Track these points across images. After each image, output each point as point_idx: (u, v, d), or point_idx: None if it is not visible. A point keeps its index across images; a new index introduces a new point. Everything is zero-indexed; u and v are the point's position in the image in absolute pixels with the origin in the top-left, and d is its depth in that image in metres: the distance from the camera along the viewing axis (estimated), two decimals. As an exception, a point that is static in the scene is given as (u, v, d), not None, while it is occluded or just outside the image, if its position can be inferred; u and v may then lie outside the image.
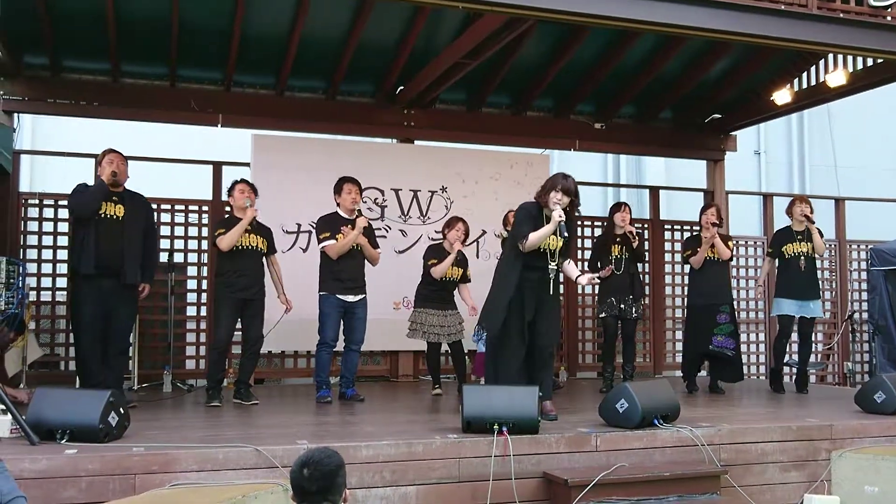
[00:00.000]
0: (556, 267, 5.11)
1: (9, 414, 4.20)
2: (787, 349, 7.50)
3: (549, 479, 4.38)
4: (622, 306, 7.00)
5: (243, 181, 6.30)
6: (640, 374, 8.27)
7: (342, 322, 6.29)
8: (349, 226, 6.22)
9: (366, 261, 6.40)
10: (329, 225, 6.27)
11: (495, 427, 4.40)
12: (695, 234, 7.53)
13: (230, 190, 6.26)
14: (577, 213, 5.42)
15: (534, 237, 5.02)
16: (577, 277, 5.33)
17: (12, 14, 5.60)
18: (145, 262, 5.82)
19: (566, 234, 5.10)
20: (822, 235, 7.20)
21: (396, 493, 4.17)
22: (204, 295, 7.86)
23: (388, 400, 6.81)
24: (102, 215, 5.57)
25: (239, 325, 6.20)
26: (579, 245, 9.18)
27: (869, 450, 4.66)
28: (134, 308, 5.85)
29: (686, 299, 7.57)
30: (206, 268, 7.87)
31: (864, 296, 10.29)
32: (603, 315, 7.10)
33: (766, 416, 5.70)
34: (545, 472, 4.41)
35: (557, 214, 4.97)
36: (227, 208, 6.42)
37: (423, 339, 6.78)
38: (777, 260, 7.34)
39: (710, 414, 5.62)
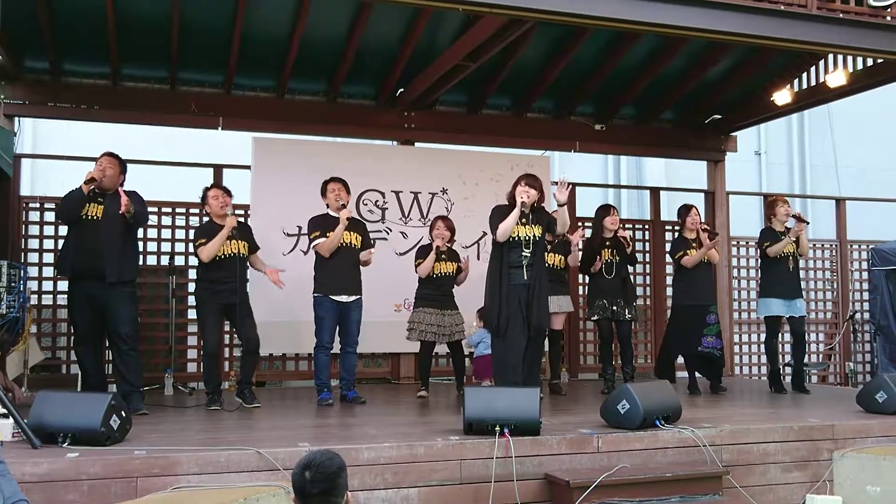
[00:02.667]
0: (530, 255, 5.54)
1: (11, 417, 4.20)
2: (781, 349, 7.54)
3: (551, 480, 4.38)
4: (614, 308, 7.01)
5: (214, 186, 6.28)
6: (641, 375, 8.26)
7: (338, 324, 6.29)
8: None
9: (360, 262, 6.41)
10: (318, 225, 6.30)
11: (497, 428, 4.40)
12: (678, 237, 7.46)
13: (203, 197, 6.21)
14: (543, 202, 5.86)
15: (503, 225, 5.50)
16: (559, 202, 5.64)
17: (13, 18, 5.60)
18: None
19: (527, 211, 5.54)
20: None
21: (398, 495, 4.17)
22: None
23: (390, 402, 6.80)
24: (84, 217, 5.55)
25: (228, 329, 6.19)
26: (580, 247, 9.17)
27: (871, 450, 4.66)
28: (129, 307, 5.66)
29: (672, 300, 7.56)
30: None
31: (866, 296, 10.28)
32: (596, 318, 7.11)
33: (767, 417, 5.69)
34: (547, 473, 4.41)
35: (519, 199, 5.48)
36: (206, 217, 6.37)
37: (418, 339, 6.80)
38: (762, 260, 7.36)
39: (711, 414, 5.62)
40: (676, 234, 7.69)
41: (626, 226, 8.77)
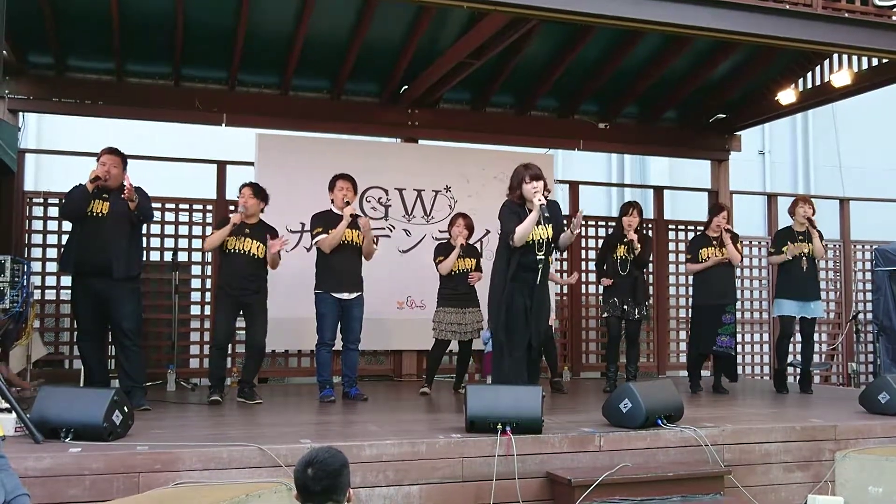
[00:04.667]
0: (543, 257, 5.21)
1: (13, 412, 4.21)
2: (790, 349, 7.51)
3: (553, 478, 4.37)
4: (625, 307, 7.01)
5: (251, 184, 6.33)
6: (643, 374, 8.26)
7: (339, 321, 6.30)
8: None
9: (363, 259, 6.41)
10: (321, 221, 6.31)
11: (499, 427, 4.39)
12: (699, 233, 7.51)
13: (240, 190, 6.30)
14: (549, 193, 5.45)
15: (520, 229, 5.12)
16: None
17: (17, 14, 5.60)
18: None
19: (548, 215, 5.16)
20: (822, 238, 7.20)
21: (400, 493, 4.17)
22: (208, 294, 7.87)
23: (392, 399, 6.81)
24: (88, 213, 5.53)
25: (242, 325, 6.22)
26: (582, 245, 9.20)
27: (873, 450, 4.66)
28: (133, 303, 5.64)
29: (692, 299, 7.56)
30: (209, 266, 7.88)
31: (869, 296, 10.27)
32: (606, 315, 7.12)
33: (769, 417, 5.69)
34: (548, 471, 4.41)
35: (538, 199, 5.08)
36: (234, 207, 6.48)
37: (437, 337, 6.80)
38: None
39: (713, 414, 5.61)
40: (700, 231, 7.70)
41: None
